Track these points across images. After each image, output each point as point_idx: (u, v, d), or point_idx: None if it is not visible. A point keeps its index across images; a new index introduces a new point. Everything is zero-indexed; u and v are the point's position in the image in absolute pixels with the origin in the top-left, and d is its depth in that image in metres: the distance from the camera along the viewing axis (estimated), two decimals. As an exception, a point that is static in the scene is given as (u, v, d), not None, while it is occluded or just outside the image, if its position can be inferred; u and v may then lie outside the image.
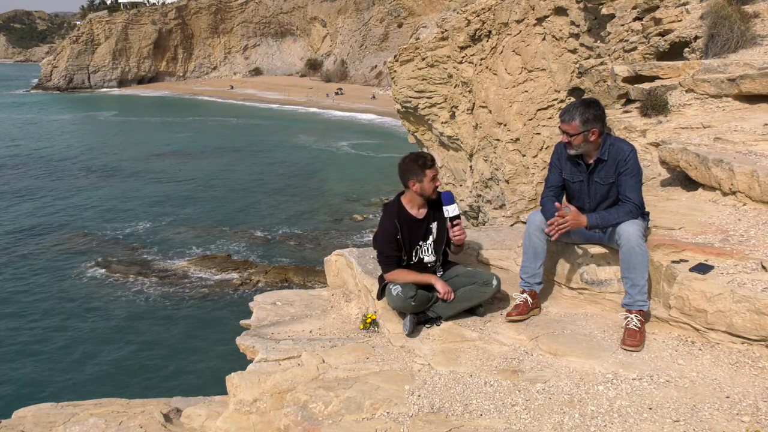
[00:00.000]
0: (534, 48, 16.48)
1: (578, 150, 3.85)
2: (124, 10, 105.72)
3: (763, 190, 4.24)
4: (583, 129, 3.76)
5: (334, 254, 5.17)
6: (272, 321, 4.60)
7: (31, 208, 37.51)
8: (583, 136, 3.78)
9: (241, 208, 37.34)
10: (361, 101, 77.71)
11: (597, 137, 3.80)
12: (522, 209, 17.22)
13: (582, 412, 3.00)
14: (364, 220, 34.50)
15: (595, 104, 3.84)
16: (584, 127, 3.76)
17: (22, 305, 24.34)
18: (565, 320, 3.91)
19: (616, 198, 3.85)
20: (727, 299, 3.33)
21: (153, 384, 17.98)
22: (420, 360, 3.60)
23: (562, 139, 3.90)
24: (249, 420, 3.57)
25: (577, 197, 4.02)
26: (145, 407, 5.66)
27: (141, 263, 28.65)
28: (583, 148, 3.84)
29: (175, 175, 45.82)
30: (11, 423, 5.55)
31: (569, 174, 4.00)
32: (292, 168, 47.74)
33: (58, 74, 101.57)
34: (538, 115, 16.54)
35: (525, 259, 4.00)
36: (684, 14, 8.43)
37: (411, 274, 3.90)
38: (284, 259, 29.11)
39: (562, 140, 3.91)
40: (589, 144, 3.82)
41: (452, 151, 21.70)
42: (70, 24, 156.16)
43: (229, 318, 22.05)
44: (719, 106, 6.17)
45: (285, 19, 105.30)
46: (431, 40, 20.59)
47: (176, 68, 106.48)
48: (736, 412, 2.91)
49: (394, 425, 3.04)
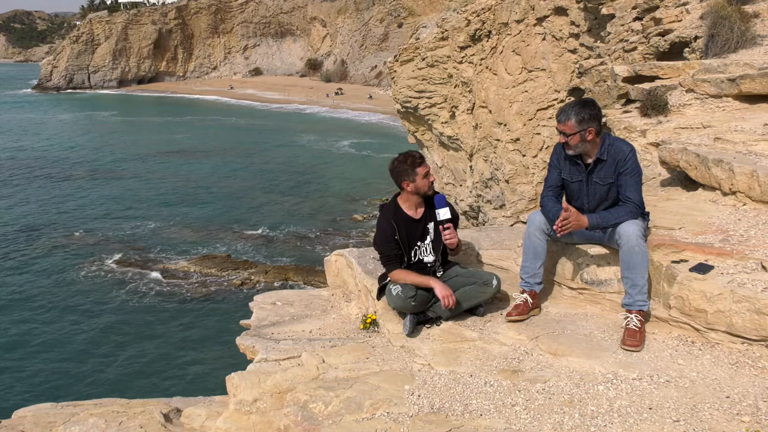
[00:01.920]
0: (534, 48, 16.48)
1: (576, 150, 3.85)
2: (124, 10, 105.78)
3: (763, 190, 4.24)
4: (579, 129, 3.76)
5: (334, 254, 5.16)
6: (272, 321, 4.60)
7: (30, 207, 37.52)
8: (579, 136, 3.78)
9: (241, 208, 37.36)
10: (361, 101, 77.78)
11: (594, 137, 3.80)
12: (522, 209, 17.22)
13: (582, 412, 3.00)
14: (364, 220, 34.51)
15: (590, 104, 3.84)
16: (580, 126, 3.76)
17: (21, 305, 24.35)
18: (565, 320, 3.90)
19: (616, 198, 3.85)
20: (727, 299, 3.33)
21: (153, 384, 17.99)
22: (420, 360, 3.60)
23: (560, 139, 3.90)
24: (249, 420, 3.57)
25: (576, 197, 4.02)
26: (145, 407, 5.65)
27: (141, 263, 28.65)
28: (580, 148, 3.84)
29: (175, 175, 45.83)
30: (11, 423, 5.54)
31: (568, 174, 4.00)
32: (292, 168, 47.75)
33: (58, 74, 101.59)
34: (538, 115, 16.55)
35: (525, 259, 4.00)
36: (684, 14, 8.43)
37: (411, 275, 3.89)
38: (284, 259, 29.11)
39: (560, 140, 3.91)
40: (587, 144, 3.82)
41: (452, 151, 21.70)
42: (70, 24, 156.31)
43: (229, 318, 22.07)
44: (719, 106, 6.17)
45: (285, 19, 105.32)
46: (431, 40, 20.60)
47: (176, 68, 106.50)
48: (736, 412, 2.91)
49: (394, 425, 3.04)
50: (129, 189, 41.72)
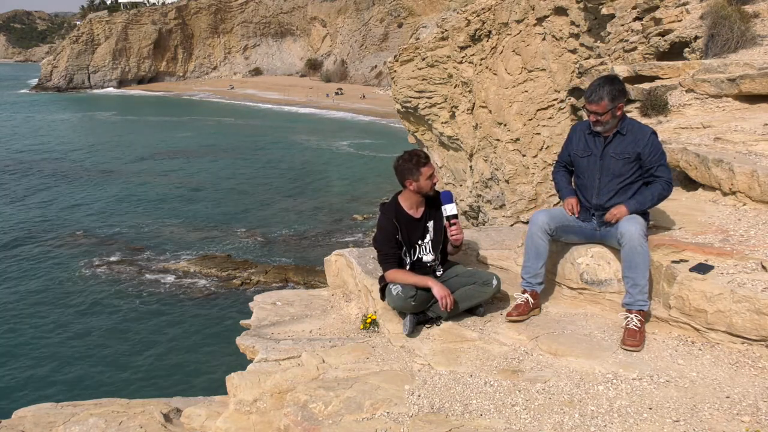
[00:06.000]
0: (534, 48, 16.49)
1: (606, 127, 3.85)
2: (124, 10, 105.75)
3: (763, 190, 4.24)
4: (611, 106, 3.77)
5: (334, 254, 5.16)
6: (272, 321, 4.60)
7: (29, 207, 37.52)
8: (611, 113, 3.79)
9: (241, 208, 37.35)
10: (361, 101, 77.81)
11: (621, 111, 3.84)
12: (522, 209, 17.21)
13: (582, 412, 3.00)
14: (364, 220, 34.50)
15: (617, 80, 3.86)
16: (612, 104, 3.76)
17: (21, 305, 24.34)
18: (565, 320, 3.90)
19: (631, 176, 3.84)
20: (727, 299, 3.33)
21: (153, 384, 17.98)
22: (420, 360, 3.60)
23: (589, 118, 3.88)
24: (249, 420, 3.57)
25: (586, 173, 3.99)
26: (145, 407, 5.65)
27: (141, 263, 28.65)
28: (611, 124, 3.85)
29: (175, 175, 45.83)
30: (11, 423, 5.54)
31: (582, 149, 4.00)
32: (292, 168, 47.76)
33: (58, 74, 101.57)
34: (538, 115, 16.55)
35: (527, 259, 4.00)
36: (684, 14, 8.43)
37: (409, 275, 3.89)
38: (284, 259, 29.11)
39: (589, 119, 3.89)
40: (615, 119, 3.84)
41: (452, 151, 21.70)
42: (70, 24, 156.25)
43: (229, 318, 22.07)
44: (719, 106, 6.17)
45: (285, 19, 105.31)
46: (431, 40, 20.60)
47: (176, 68, 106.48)
48: (736, 412, 2.91)
49: (394, 425, 3.04)
50: (129, 189, 41.71)
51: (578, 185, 4.08)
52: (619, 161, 3.84)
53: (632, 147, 3.81)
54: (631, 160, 3.82)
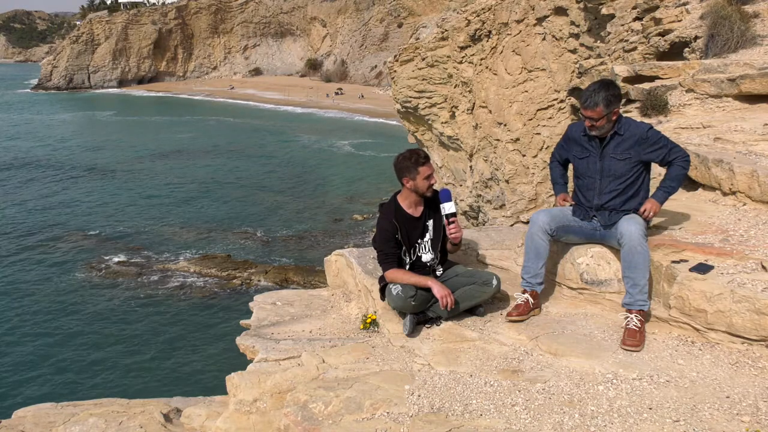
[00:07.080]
0: (534, 48, 16.48)
1: (601, 131, 3.88)
2: (124, 10, 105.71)
3: (763, 190, 4.24)
4: (606, 111, 3.79)
5: (334, 254, 5.16)
6: (272, 321, 4.60)
7: (29, 207, 37.51)
8: (606, 118, 3.82)
9: (241, 208, 37.35)
10: (361, 101, 77.78)
11: (617, 114, 3.87)
12: (522, 209, 17.21)
13: (582, 412, 3.00)
14: (364, 220, 34.48)
15: (612, 84, 3.88)
16: (608, 109, 3.79)
17: (21, 305, 24.33)
18: (565, 320, 3.90)
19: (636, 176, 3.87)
20: (727, 299, 3.33)
21: (153, 384, 17.98)
22: (420, 360, 3.60)
23: (585, 123, 3.91)
24: (249, 420, 3.58)
25: (586, 174, 4.02)
26: (145, 407, 5.66)
27: (141, 263, 28.65)
28: (606, 128, 3.87)
29: (175, 175, 45.82)
30: (11, 423, 5.55)
31: (578, 151, 4.04)
32: (292, 168, 47.75)
33: (58, 74, 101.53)
34: (538, 115, 16.54)
35: (527, 259, 4.00)
36: (684, 14, 8.43)
37: (409, 275, 3.88)
38: (284, 259, 29.10)
39: (585, 124, 3.92)
40: (611, 123, 3.86)
41: (452, 151, 21.70)
42: (70, 24, 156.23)
43: (229, 318, 22.06)
44: (719, 106, 6.17)
45: (285, 19, 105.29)
46: (431, 40, 20.59)
47: (176, 68, 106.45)
48: (736, 412, 2.90)
49: (394, 425, 3.04)
50: (129, 189, 41.70)
51: (578, 186, 4.08)
52: (621, 161, 3.85)
53: (633, 146, 3.82)
54: (635, 161, 3.84)
